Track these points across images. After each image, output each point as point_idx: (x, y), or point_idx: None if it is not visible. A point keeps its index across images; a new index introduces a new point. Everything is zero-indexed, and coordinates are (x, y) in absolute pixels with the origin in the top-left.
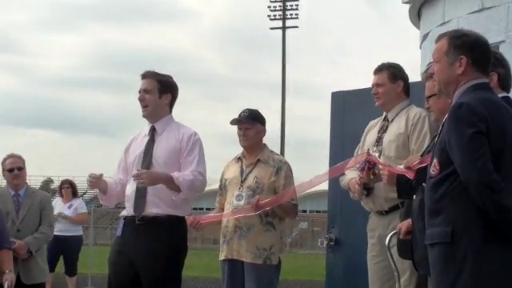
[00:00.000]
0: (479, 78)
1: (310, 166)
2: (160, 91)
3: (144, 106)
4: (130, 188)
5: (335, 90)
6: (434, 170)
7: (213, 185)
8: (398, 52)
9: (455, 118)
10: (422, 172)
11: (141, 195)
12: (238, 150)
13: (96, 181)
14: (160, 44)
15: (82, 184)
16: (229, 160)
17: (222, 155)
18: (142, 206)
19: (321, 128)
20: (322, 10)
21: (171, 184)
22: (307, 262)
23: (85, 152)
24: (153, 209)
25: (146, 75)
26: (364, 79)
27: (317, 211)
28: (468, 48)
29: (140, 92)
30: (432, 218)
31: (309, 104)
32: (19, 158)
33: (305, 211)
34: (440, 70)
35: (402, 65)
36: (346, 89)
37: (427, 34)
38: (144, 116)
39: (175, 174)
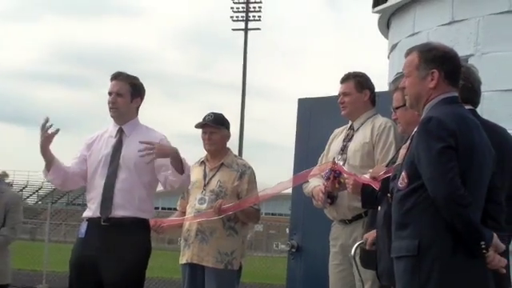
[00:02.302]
0: (449, 91)
1: (265, 169)
2: (132, 95)
3: (114, 108)
4: (97, 188)
5: (294, 94)
6: (402, 182)
7: None
8: (363, 59)
9: (425, 132)
10: (387, 182)
11: (108, 197)
12: (199, 150)
13: (47, 134)
14: (120, 41)
15: (36, 178)
16: (191, 163)
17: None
18: (109, 207)
19: (278, 131)
20: (285, 14)
21: (178, 160)
22: (264, 265)
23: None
24: (120, 211)
25: (118, 77)
26: (325, 84)
27: (272, 214)
28: (439, 62)
29: (111, 94)
30: (399, 231)
31: (267, 106)
32: None
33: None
34: (411, 84)
35: (366, 73)
36: (306, 93)
37: (396, 44)
38: (112, 117)
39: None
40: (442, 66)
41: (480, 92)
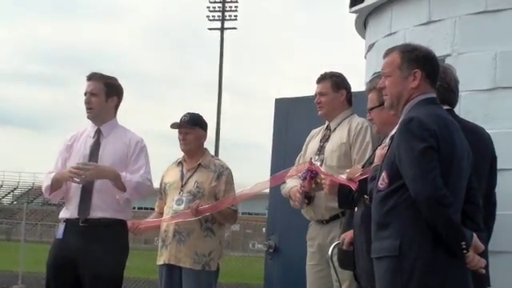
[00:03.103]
0: (428, 92)
1: (242, 169)
2: (107, 94)
3: (89, 109)
4: (74, 189)
5: (271, 94)
6: (382, 183)
7: None
8: (340, 59)
9: (406, 133)
10: (364, 183)
11: (86, 198)
12: (173, 150)
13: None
14: (95, 40)
15: (12, 177)
16: (168, 164)
17: (156, 155)
18: (87, 209)
19: (255, 131)
20: (261, 14)
21: (118, 182)
22: (240, 265)
23: (16, 146)
24: (98, 212)
25: (93, 77)
26: (302, 84)
27: (249, 213)
28: (422, 62)
29: (86, 94)
30: (380, 231)
31: (244, 106)
32: None
33: None
34: (393, 83)
35: (343, 73)
36: (283, 93)
37: (373, 44)
38: (88, 118)
39: (123, 174)
40: (424, 66)
41: (457, 92)
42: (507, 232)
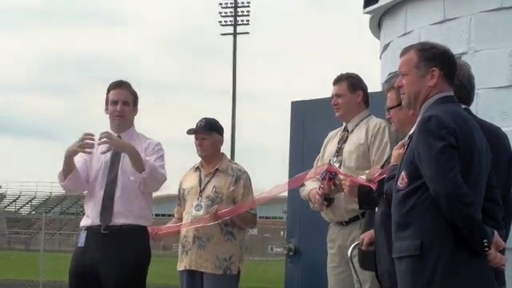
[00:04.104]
0: (446, 90)
1: (258, 173)
2: (134, 103)
3: (121, 117)
4: (95, 197)
5: (286, 97)
6: (402, 182)
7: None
8: (355, 60)
9: (425, 131)
10: (383, 183)
11: (108, 205)
12: (187, 157)
13: (90, 142)
14: (107, 49)
15: (30, 188)
16: (186, 170)
17: (170, 162)
18: (109, 215)
19: (271, 135)
20: (273, 17)
21: (137, 159)
22: (259, 269)
23: (33, 156)
24: (120, 219)
25: (123, 85)
26: (317, 86)
27: (266, 217)
28: (439, 60)
29: (118, 103)
30: (400, 231)
31: (259, 110)
32: None
33: None
34: (410, 82)
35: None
36: (298, 95)
37: (388, 44)
38: (117, 125)
39: (142, 155)
40: (442, 64)
41: (472, 88)
42: None
